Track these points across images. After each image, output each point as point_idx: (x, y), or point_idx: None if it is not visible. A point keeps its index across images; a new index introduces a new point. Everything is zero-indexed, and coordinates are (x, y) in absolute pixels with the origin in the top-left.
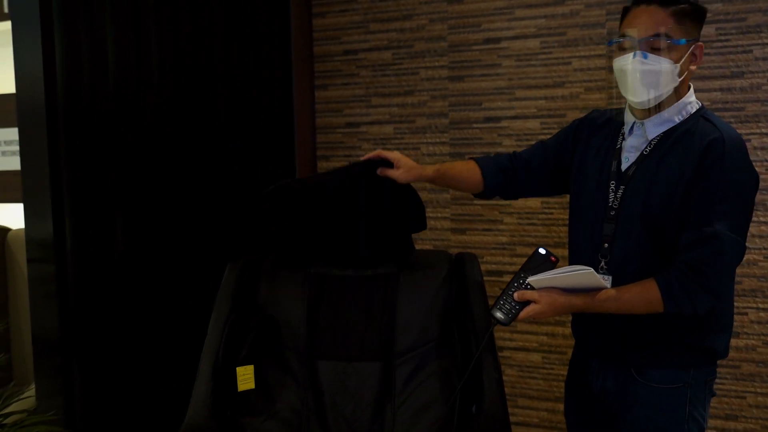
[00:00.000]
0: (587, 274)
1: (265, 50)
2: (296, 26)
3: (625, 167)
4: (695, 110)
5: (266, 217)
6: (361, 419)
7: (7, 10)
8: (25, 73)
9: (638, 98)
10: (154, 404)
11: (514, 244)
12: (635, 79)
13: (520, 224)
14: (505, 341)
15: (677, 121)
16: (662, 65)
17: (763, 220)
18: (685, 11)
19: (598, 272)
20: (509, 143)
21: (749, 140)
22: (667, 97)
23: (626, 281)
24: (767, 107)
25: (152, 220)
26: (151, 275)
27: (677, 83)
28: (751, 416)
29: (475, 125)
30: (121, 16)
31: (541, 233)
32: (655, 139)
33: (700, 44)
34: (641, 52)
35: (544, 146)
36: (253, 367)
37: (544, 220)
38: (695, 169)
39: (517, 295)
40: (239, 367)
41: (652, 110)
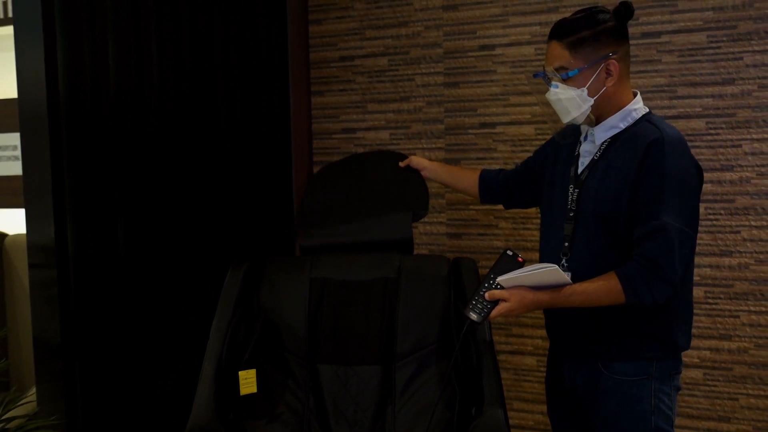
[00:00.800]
0: (552, 271)
1: (262, 56)
2: (293, 33)
3: (579, 171)
4: (641, 115)
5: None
6: (362, 422)
7: (2, 15)
8: (27, 77)
9: (564, 120)
10: (156, 408)
11: None
12: (554, 105)
13: (515, 229)
14: (500, 344)
15: (623, 126)
16: (568, 93)
17: (754, 224)
18: (580, 40)
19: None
20: (504, 149)
21: (740, 146)
22: (600, 110)
23: (585, 277)
24: (758, 113)
25: (153, 224)
26: (152, 279)
27: (592, 102)
28: (743, 418)
29: (470, 131)
30: (122, 21)
31: (535, 238)
32: (603, 144)
33: (611, 61)
34: (553, 83)
35: (526, 161)
36: (255, 371)
37: (538, 225)
38: (639, 167)
39: (488, 295)
40: (242, 371)
41: (599, 117)
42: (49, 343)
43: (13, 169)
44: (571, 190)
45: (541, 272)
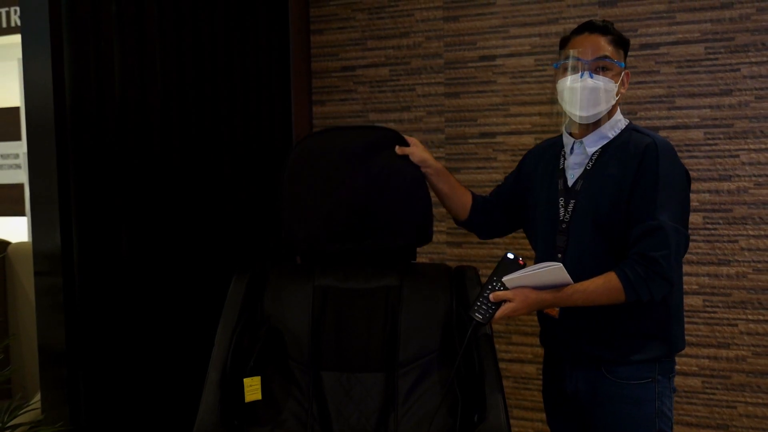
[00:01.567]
0: (557, 269)
1: (264, 66)
2: (295, 43)
3: (571, 183)
4: (625, 126)
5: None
6: (365, 428)
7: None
8: (34, 85)
9: (584, 113)
10: (160, 415)
11: None
12: (583, 95)
13: (514, 237)
14: (500, 353)
15: (611, 136)
16: (606, 84)
17: (752, 233)
18: (619, 40)
19: None
20: (504, 158)
21: (738, 156)
22: (604, 114)
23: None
24: (755, 124)
25: (158, 231)
26: (157, 286)
27: (614, 102)
28: (741, 426)
29: (470, 140)
30: (127, 31)
31: None
32: (594, 154)
33: (627, 71)
34: (588, 72)
35: (500, 187)
36: (260, 378)
37: None
38: (635, 172)
39: (492, 296)
40: (246, 378)
41: (590, 127)
42: (54, 350)
43: (14, 177)
44: (562, 202)
45: (545, 271)
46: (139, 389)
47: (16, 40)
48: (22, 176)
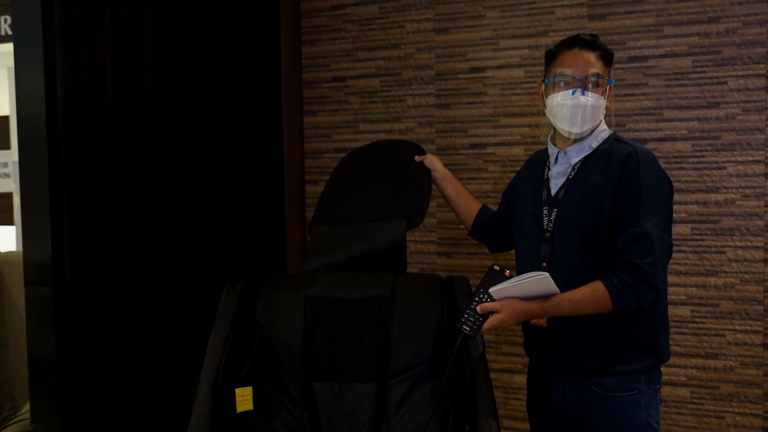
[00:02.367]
0: (543, 279)
1: (256, 76)
2: (286, 54)
3: (554, 192)
4: (608, 136)
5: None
6: None
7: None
8: (25, 93)
9: (577, 129)
10: (152, 426)
11: None
12: (576, 112)
13: None
14: (490, 363)
15: (594, 146)
16: (597, 101)
17: (739, 244)
18: (606, 55)
19: None
20: (494, 169)
21: (725, 168)
22: (596, 126)
23: (566, 291)
24: (742, 136)
25: (150, 242)
26: (148, 297)
27: (602, 116)
28: None
29: (461, 151)
30: (120, 40)
31: None
32: (577, 163)
33: (611, 85)
34: (581, 89)
35: (501, 203)
36: (251, 388)
37: None
38: (617, 180)
39: (479, 308)
40: (238, 388)
41: (576, 140)
42: (44, 360)
43: (2, 186)
44: (545, 211)
45: (532, 281)
46: (130, 400)
47: (7, 48)
48: (11, 185)
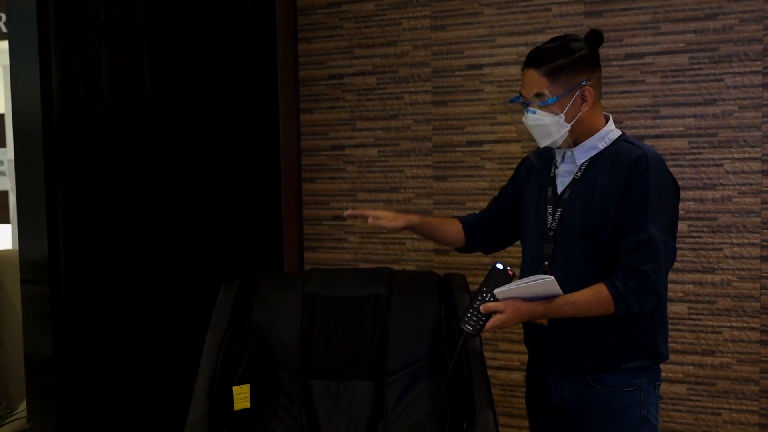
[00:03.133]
0: (549, 282)
1: (252, 74)
2: (282, 51)
3: (560, 191)
4: (617, 137)
5: None
6: None
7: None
8: (21, 91)
9: (542, 144)
10: (149, 424)
11: None
12: (532, 130)
13: None
14: (487, 360)
15: (601, 147)
16: (546, 119)
17: (736, 242)
18: (558, 67)
19: None
20: (491, 166)
21: (722, 165)
22: (575, 134)
23: (567, 292)
24: (738, 133)
25: (146, 240)
26: (144, 296)
27: (568, 128)
28: None
29: (458, 149)
30: (115, 39)
31: None
32: (584, 163)
33: (586, 87)
34: (530, 109)
35: (497, 197)
36: (249, 386)
37: None
38: (625, 183)
39: (483, 307)
40: (235, 386)
41: (575, 141)
42: (40, 359)
43: None
44: (549, 210)
45: (537, 283)
46: (127, 398)
47: (2, 46)
48: (6, 183)
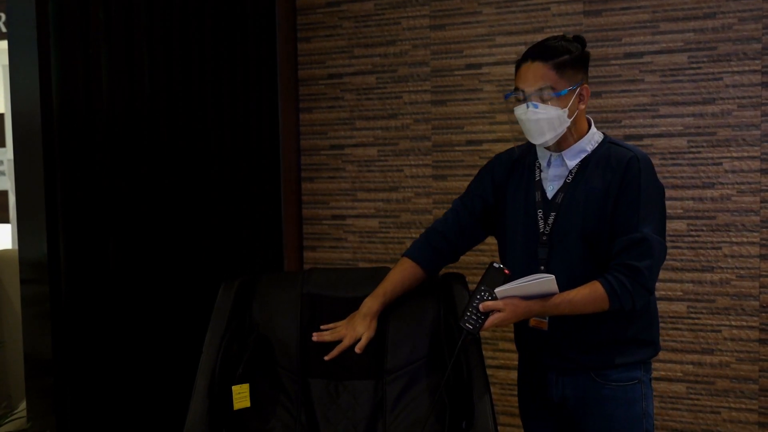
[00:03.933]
0: (548, 281)
1: (252, 74)
2: (282, 50)
3: (551, 195)
4: (602, 139)
5: None
6: None
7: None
8: (20, 91)
9: (537, 141)
10: (148, 424)
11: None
12: (531, 125)
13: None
14: (487, 359)
15: (589, 150)
16: (550, 113)
17: (735, 240)
18: (564, 62)
19: None
20: None
21: (721, 164)
22: (563, 135)
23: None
24: (737, 132)
25: (146, 240)
26: (144, 295)
27: (569, 123)
28: (725, 431)
29: (457, 148)
30: (115, 38)
31: None
32: (574, 167)
33: (585, 86)
34: (532, 103)
35: (464, 204)
36: (248, 385)
37: None
38: (619, 184)
39: (482, 306)
40: (235, 385)
41: (564, 144)
42: (40, 358)
43: None
44: (540, 214)
45: (537, 282)
46: (127, 398)
47: (2, 46)
48: (6, 183)
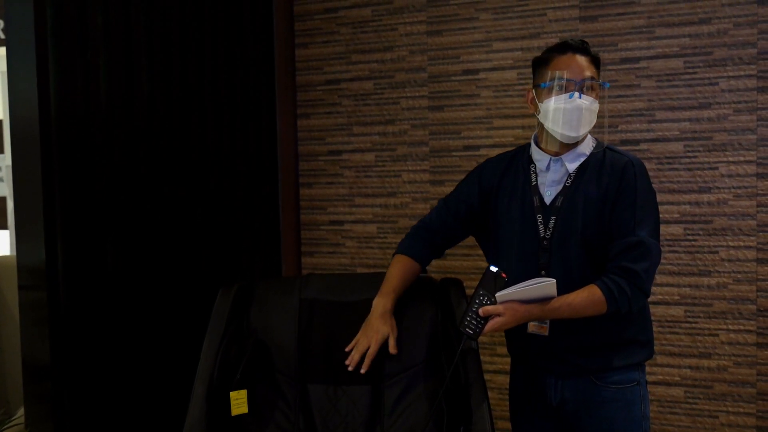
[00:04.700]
0: (549, 285)
1: (250, 80)
2: (280, 57)
3: (549, 200)
4: (596, 144)
5: None
6: None
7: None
8: (18, 97)
9: (575, 133)
10: (146, 429)
11: None
12: (574, 115)
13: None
14: (485, 364)
15: (587, 153)
16: (592, 104)
17: (731, 244)
18: (597, 60)
19: None
20: None
21: (717, 168)
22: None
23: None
24: (733, 137)
25: (144, 246)
26: (142, 301)
27: (595, 121)
28: None
29: (454, 153)
30: (113, 44)
31: None
32: (573, 172)
33: (605, 89)
34: (578, 92)
35: (448, 206)
36: (246, 391)
37: None
38: (616, 189)
39: (482, 311)
40: (233, 391)
41: (570, 146)
42: (38, 364)
43: None
44: (540, 219)
45: (539, 286)
46: (125, 404)
47: (0, 52)
48: (4, 189)
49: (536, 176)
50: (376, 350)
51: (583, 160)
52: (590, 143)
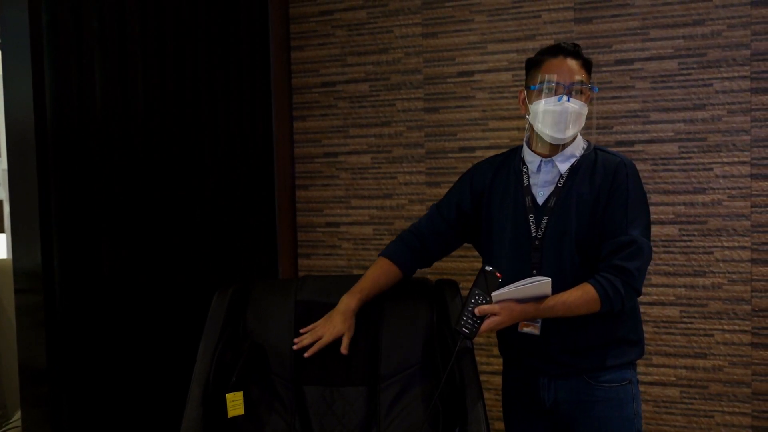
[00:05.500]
0: (545, 283)
1: (245, 82)
2: (275, 59)
3: (541, 201)
4: (588, 145)
5: None
6: None
7: None
8: (14, 100)
9: (562, 135)
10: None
11: None
12: (562, 118)
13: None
14: (481, 365)
15: (578, 155)
16: (581, 107)
17: (726, 245)
18: (587, 64)
19: None
20: None
21: (711, 169)
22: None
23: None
24: (728, 138)
25: (140, 249)
26: (138, 304)
27: (583, 123)
28: None
29: (450, 155)
30: (109, 48)
31: None
32: (565, 172)
33: (593, 93)
34: (567, 95)
35: (440, 211)
36: (242, 393)
37: None
38: (609, 189)
39: (478, 310)
40: (229, 393)
41: (559, 147)
42: (35, 368)
43: None
44: (532, 219)
45: (534, 285)
46: (122, 406)
47: None
48: (0, 192)
49: (528, 177)
50: (327, 342)
51: (574, 161)
52: (581, 144)
